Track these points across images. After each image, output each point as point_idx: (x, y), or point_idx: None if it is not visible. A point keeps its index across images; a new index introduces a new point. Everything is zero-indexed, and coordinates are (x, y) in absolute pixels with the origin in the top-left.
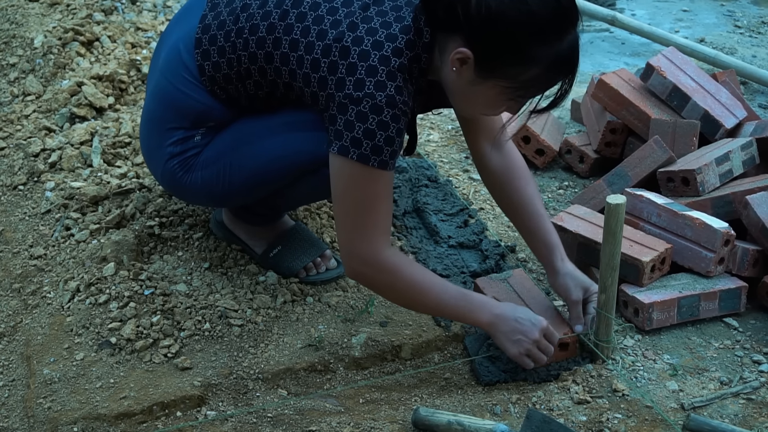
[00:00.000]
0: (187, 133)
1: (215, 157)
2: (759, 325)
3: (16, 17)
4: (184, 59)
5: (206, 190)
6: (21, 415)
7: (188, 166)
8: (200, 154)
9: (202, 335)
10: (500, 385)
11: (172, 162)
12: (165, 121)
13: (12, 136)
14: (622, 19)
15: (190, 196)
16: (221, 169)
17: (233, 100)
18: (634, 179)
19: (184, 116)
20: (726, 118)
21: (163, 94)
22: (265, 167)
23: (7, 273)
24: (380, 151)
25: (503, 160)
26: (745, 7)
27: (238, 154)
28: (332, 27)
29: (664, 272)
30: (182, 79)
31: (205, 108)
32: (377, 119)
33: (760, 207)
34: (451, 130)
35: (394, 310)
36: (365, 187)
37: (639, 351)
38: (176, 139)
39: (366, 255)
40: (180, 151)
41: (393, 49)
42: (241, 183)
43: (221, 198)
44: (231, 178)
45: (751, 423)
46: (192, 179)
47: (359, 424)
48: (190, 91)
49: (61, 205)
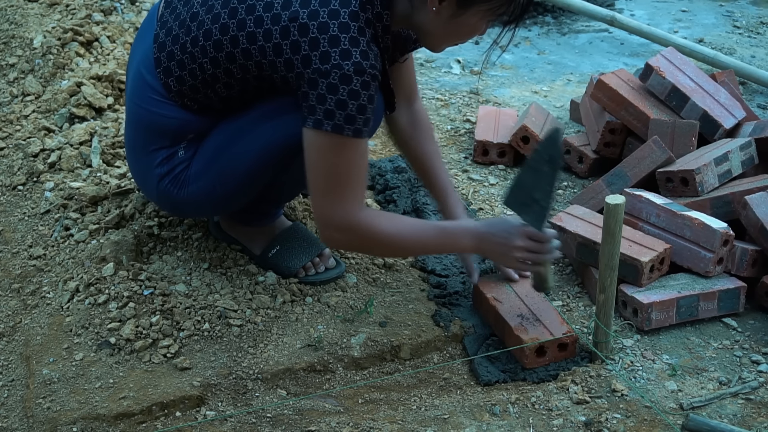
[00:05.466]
0: (169, 151)
1: (205, 167)
2: (758, 326)
3: (15, 17)
4: (148, 81)
5: (206, 200)
6: (20, 415)
7: (180, 182)
8: (189, 168)
9: (201, 335)
10: (499, 385)
11: (164, 182)
12: (146, 145)
13: (11, 137)
14: (621, 20)
15: (191, 210)
16: (215, 176)
17: (207, 108)
18: (633, 179)
19: (163, 135)
20: (725, 118)
21: (137, 120)
22: (257, 161)
23: (6, 273)
24: (353, 120)
25: (411, 118)
26: (744, 7)
27: (227, 156)
28: (284, 8)
29: (663, 272)
30: (151, 101)
31: (181, 123)
32: (347, 89)
33: (759, 207)
34: (451, 130)
35: (394, 310)
36: (340, 156)
37: (638, 351)
38: (161, 159)
39: (340, 221)
40: (168, 170)
41: (349, 14)
42: (237, 183)
43: (223, 203)
44: (226, 180)
45: (749, 423)
46: (188, 193)
47: (358, 424)
48: (161, 110)
49: (61, 205)
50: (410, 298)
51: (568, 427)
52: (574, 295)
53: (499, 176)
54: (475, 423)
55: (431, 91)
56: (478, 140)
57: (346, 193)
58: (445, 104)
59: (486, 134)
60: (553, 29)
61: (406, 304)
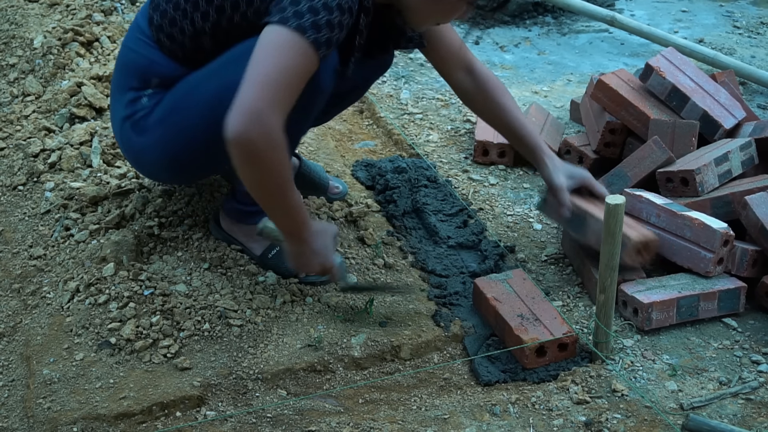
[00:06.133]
0: (136, 94)
1: (161, 118)
2: (758, 326)
3: (15, 18)
4: (140, 23)
5: (160, 155)
6: (21, 415)
7: (139, 128)
8: (150, 116)
9: (201, 335)
10: (499, 385)
11: (126, 125)
12: (119, 84)
13: (12, 137)
14: (621, 20)
15: (149, 164)
16: (168, 127)
17: (177, 51)
18: (633, 179)
19: (132, 73)
20: (725, 118)
21: (119, 59)
22: (204, 117)
23: (6, 273)
24: (319, 28)
25: (476, 81)
26: (744, 7)
27: (184, 104)
28: None
29: (647, 261)
30: (135, 39)
31: (149, 62)
32: (322, 2)
33: (759, 207)
34: (451, 131)
35: (394, 310)
36: (291, 57)
37: (638, 351)
38: (127, 101)
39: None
40: (130, 113)
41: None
42: (192, 134)
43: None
44: (178, 134)
45: (749, 423)
46: (144, 142)
47: (359, 424)
48: (138, 48)
49: (61, 205)
50: (410, 298)
51: (569, 427)
52: (574, 295)
53: (500, 176)
54: (476, 423)
55: (431, 91)
56: (478, 140)
57: (283, 96)
58: (445, 104)
59: (486, 134)
60: (554, 29)
61: (406, 304)
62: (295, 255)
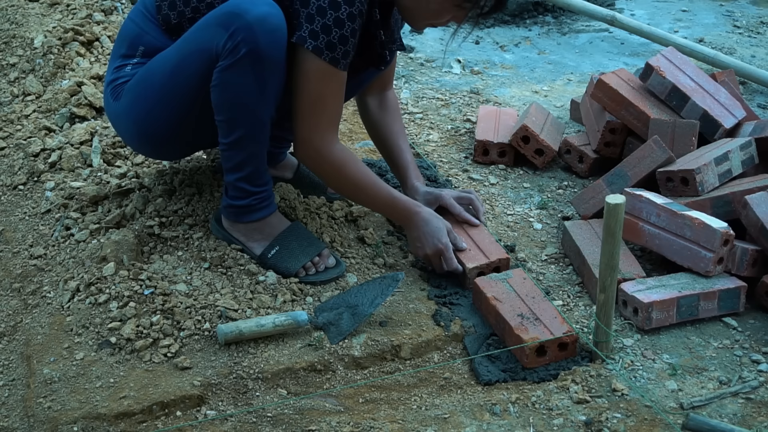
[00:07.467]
0: (123, 62)
1: (133, 84)
2: (758, 325)
3: (16, 17)
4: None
5: (129, 120)
6: (21, 414)
7: (116, 94)
8: (127, 83)
9: (201, 335)
10: (499, 384)
11: (108, 89)
12: (113, 52)
13: (12, 136)
14: (621, 19)
15: (123, 132)
16: (136, 94)
17: (173, 25)
18: (633, 179)
19: (124, 41)
20: (725, 118)
21: (120, 30)
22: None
23: (7, 273)
24: (333, 47)
25: (380, 101)
26: (744, 7)
27: (150, 73)
28: None
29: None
30: (137, 11)
31: (140, 31)
32: (334, 15)
33: (759, 207)
34: (451, 130)
35: (394, 310)
36: (318, 82)
37: (638, 350)
38: (114, 66)
39: (318, 145)
40: (114, 78)
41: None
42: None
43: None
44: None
45: (750, 422)
46: (119, 109)
47: (359, 423)
48: (136, 18)
49: (61, 204)
50: (410, 297)
51: (569, 427)
52: (574, 294)
53: (500, 176)
54: (476, 422)
55: (431, 91)
56: (478, 140)
57: (323, 118)
58: (445, 104)
59: (486, 134)
60: (554, 29)
61: (406, 303)
62: (411, 240)
